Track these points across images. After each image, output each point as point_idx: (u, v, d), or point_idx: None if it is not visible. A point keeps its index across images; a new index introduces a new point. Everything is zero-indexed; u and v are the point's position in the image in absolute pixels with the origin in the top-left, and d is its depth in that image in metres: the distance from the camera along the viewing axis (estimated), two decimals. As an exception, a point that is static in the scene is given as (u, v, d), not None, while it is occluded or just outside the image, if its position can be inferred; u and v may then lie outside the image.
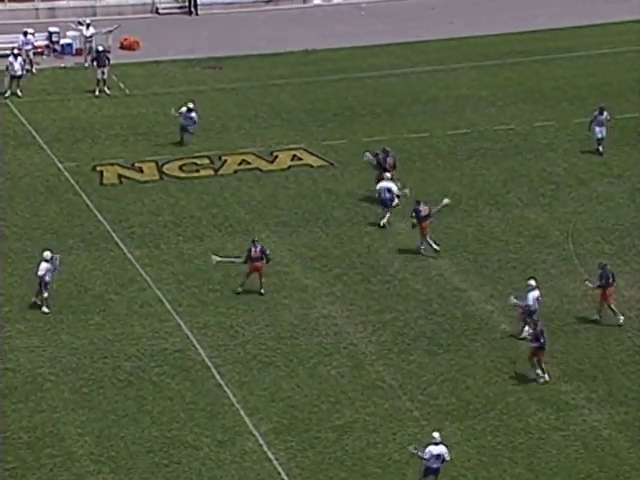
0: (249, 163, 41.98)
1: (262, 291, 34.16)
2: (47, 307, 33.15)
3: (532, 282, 32.13)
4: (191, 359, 31.69)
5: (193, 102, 41.96)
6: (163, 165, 41.63)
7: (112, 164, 41.78)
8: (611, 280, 32.34)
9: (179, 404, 30.18)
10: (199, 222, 38.28)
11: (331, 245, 36.92)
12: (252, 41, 51.43)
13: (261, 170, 41.55)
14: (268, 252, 34.36)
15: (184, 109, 41.92)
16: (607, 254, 35.81)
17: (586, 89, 45.25)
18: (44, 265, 33.03)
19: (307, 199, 39.67)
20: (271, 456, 28.48)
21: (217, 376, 31.16)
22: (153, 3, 55.52)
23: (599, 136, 41.14)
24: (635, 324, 32.83)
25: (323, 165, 41.73)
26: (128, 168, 41.40)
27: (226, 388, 30.75)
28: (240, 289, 34.13)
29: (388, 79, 48.12)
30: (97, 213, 38.68)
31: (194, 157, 42.28)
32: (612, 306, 32.52)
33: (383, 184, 37.46)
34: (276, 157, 42.30)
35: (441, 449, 27.19)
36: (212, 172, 41.45)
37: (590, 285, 32.64)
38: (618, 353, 31.67)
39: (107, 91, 46.72)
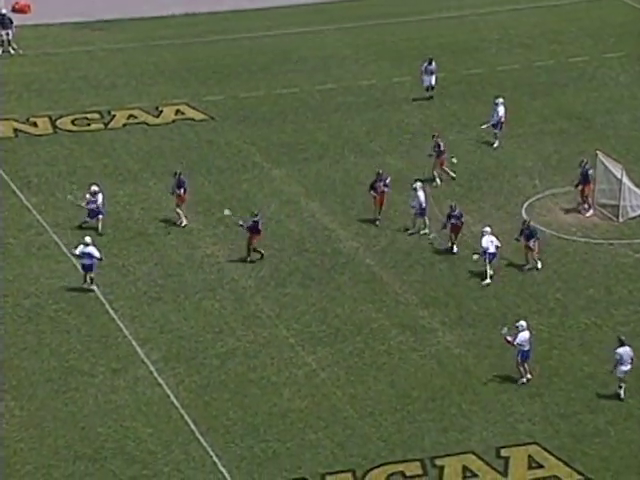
0: (136, 117, 41.39)
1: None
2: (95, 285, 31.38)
3: (487, 229, 32.11)
4: (86, 296, 31.37)
5: (97, 185, 34.47)
6: (56, 120, 40.83)
7: (7, 119, 40.77)
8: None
9: (76, 337, 29.94)
10: (91, 171, 37.73)
11: (213, 191, 36.73)
12: (137, 5, 50.61)
13: (148, 124, 41.01)
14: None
15: (88, 196, 33.88)
16: (457, 195, 36.31)
17: (437, 48, 45.58)
18: (91, 249, 30.99)
19: (190, 150, 39.30)
20: (161, 381, 28.46)
21: (111, 311, 30.95)
22: (43, -30, 54.01)
23: (427, 84, 41.56)
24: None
25: (204, 119, 41.30)
26: (23, 123, 40.51)
27: (119, 321, 30.57)
28: None
29: (262, 40, 47.78)
30: (-5, 164, 37.94)
31: (85, 112, 41.51)
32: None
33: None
34: (161, 112, 41.77)
35: (528, 334, 27.75)
36: (102, 126, 40.80)
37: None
38: (467, 281, 32.19)
39: (12, 51, 45.62)
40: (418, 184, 34.08)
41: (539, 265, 32.38)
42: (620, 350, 27.49)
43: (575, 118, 40.66)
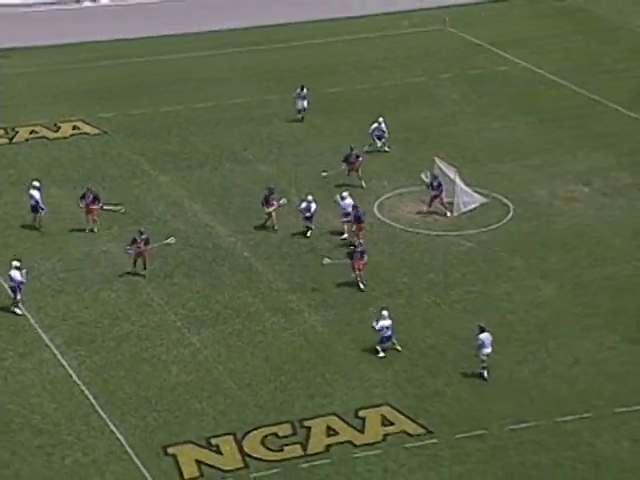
0: (37, 133, 41.26)
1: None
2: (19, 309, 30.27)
3: (345, 193, 33.23)
4: (-5, 290, 31.31)
5: (38, 180, 34.71)
6: (-36, 137, 40.53)
7: None
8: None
9: (-14, 327, 29.89)
10: (-3, 181, 37.66)
11: (108, 197, 36.71)
12: (37, 35, 50.22)
13: (48, 138, 40.93)
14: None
15: (32, 191, 33.98)
16: (322, 196, 36.99)
17: (303, 70, 46.33)
18: (15, 272, 29.84)
19: (86, 161, 39.38)
20: (64, 362, 28.64)
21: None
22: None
23: (299, 107, 41.96)
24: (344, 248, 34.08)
25: (98, 133, 41.40)
26: None
27: (26, 312, 30.56)
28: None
29: (151, 64, 47.88)
30: None
31: (-10, 129, 41.36)
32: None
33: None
34: (60, 127, 41.71)
35: (389, 322, 28.15)
36: (7, 141, 40.63)
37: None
38: (330, 270, 32.75)
39: None
40: (345, 193, 33.91)
41: (358, 242, 32.02)
42: (482, 336, 27.75)
43: (416, 129, 41.75)
